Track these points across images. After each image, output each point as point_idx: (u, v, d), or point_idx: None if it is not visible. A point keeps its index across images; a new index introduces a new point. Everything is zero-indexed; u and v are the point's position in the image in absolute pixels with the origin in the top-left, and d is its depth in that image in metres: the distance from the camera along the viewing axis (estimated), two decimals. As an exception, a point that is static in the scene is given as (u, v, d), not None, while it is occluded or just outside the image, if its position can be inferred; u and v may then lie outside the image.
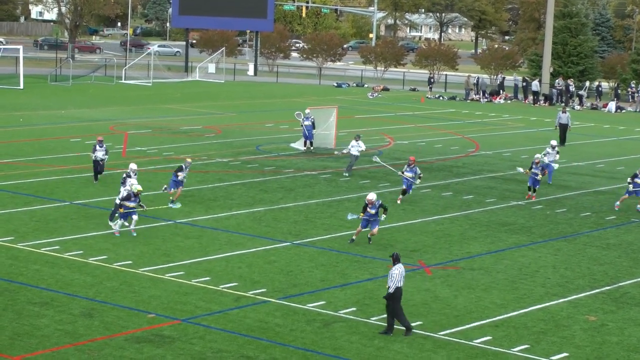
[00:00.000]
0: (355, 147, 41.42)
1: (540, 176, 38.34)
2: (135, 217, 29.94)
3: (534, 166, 38.13)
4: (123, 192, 30.89)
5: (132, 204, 29.90)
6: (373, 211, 29.70)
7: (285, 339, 21.73)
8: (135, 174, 32.36)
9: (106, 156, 37.77)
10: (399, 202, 36.25)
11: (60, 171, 39.94)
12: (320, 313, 23.62)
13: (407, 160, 38.18)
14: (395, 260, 22.48)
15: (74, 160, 42.46)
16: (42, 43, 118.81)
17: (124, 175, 32.24)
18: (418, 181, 36.69)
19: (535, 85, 79.51)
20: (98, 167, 37.55)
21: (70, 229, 30.59)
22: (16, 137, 48.80)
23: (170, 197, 34.15)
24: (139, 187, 30.32)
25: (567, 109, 74.61)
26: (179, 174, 34.17)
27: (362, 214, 29.85)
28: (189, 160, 35.35)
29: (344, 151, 43.07)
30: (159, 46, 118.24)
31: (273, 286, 25.57)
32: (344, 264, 27.94)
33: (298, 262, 27.88)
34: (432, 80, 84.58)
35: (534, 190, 38.32)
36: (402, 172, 36.56)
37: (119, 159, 43.06)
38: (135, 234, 29.86)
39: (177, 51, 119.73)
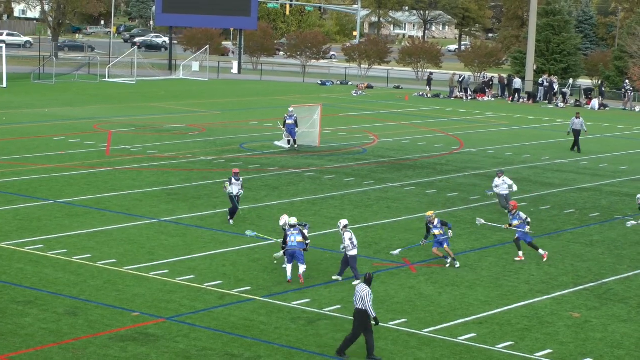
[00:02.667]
0: (502, 186, 34.81)
1: None
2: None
3: None
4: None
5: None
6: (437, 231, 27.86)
7: (269, 337, 21.73)
8: (294, 227, 26.30)
9: (241, 191, 32.04)
10: (517, 259, 29.29)
11: (43, 170, 39.81)
12: (304, 311, 23.62)
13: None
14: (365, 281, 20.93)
15: (58, 159, 42.33)
16: (141, 44, 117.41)
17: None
18: (527, 228, 29.19)
19: (517, 82, 79.74)
20: (233, 203, 31.88)
21: (54, 227, 30.51)
22: (-1, 135, 48.64)
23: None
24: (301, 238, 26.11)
25: (550, 105, 74.93)
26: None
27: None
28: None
29: (489, 193, 35.97)
30: (7, 34, 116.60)
31: (257, 284, 25.56)
32: (328, 262, 27.93)
33: (282, 261, 27.82)
34: (431, 79, 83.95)
35: None
36: (508, 225, 29.67)
37: (102, 158, 43.00)
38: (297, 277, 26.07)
39: (27, 41, 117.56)
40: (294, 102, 57.52)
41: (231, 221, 31.89)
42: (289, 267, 25.90)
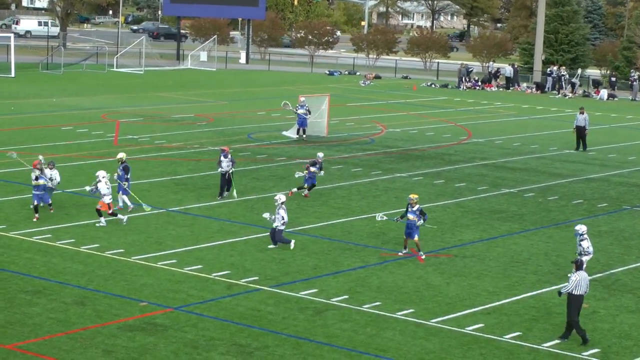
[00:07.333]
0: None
1: None
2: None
3: None
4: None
5: None
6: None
7: (277, 327, 21.74)
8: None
9: (232, 168, 33.84)
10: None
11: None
12: (312, 301, 23.63)
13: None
14: (577, 266, 21.96)
15: (66, 149, 42.36)
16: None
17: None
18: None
19: (508, 71, 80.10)
20: (222, 180, 33.75)
21: (62, 217, 30.55)
22: (7, 125, 48.67)
23: None
24: None
25: (559, 95, 74.78)
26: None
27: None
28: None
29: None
30: None
31: (265, 274, 25.57)
32: (336, 251, 27.95)
33: (290, 250, 27.87)
34: (470, 71, 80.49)
35: None
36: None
37: (110, 147, 43.02)
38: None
39: None
40: (302, 92, 57.38)
41: (219, 198, 33.66)
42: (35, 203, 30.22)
